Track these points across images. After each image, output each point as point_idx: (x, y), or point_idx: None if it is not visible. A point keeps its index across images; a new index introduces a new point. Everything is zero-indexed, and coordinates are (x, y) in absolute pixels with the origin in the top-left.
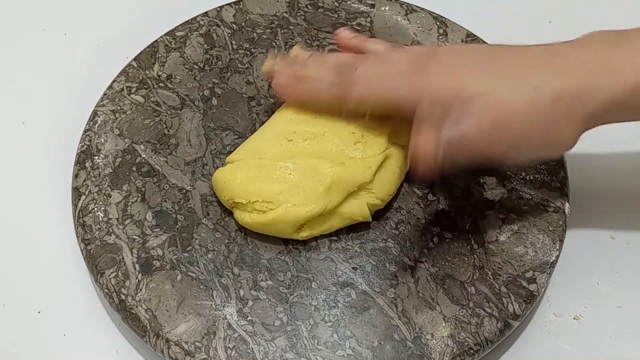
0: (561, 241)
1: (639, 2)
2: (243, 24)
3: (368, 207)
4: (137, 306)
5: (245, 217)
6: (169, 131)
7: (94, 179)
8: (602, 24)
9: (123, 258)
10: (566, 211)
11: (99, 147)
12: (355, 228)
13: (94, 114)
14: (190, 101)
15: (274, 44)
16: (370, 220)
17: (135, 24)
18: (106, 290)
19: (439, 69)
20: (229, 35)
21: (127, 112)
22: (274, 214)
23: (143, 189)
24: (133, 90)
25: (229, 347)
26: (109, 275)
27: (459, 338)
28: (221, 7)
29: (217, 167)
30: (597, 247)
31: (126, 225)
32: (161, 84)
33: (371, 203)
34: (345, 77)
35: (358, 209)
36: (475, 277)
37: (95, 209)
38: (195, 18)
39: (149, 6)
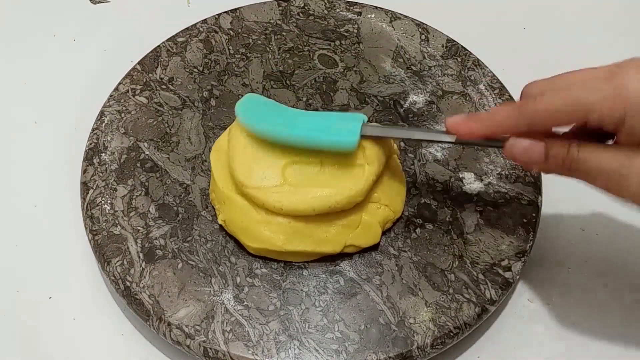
0: (534, 232)
1: (611, 9)
2: (239, 30)
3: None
4: (141, 292)
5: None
6: (170, 130)
7: (101, 174)
8: (573, 31)
9: (128, 248)
10: (539, 204)
11: (106, 145)
12: None
13: (101, 114)
14: (190, 102)
15: (268, 49)
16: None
17: (139, 30)
18: (112, 278)
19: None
20: (227, 40)
21: (132, 112)
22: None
23: (147, 184)
24: (137, 92)
25: (226, 330)
26: (115, 264)
27: (439, 322)
28: (219, 14)
29: None
30: (568, 238)
31: (131, 217)
32: (163, 86)
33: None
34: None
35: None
36: (454, 265)
37: (102, 202)
38: (195, 25)
39: (152, 14)
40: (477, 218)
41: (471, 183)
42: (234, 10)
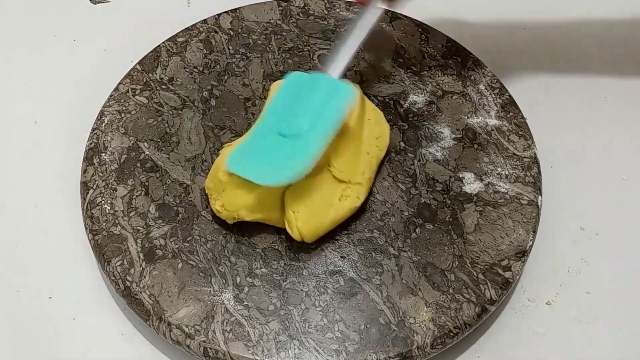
0: (534, 232)
1: (611, 9)
2: (239, 30)
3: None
4: (141, 292)
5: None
6: (170, 130)
7: (101, 174)
8: (573, 31)
9: (128, 247)
10: (539, 204)
11: (106, 145)
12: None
13: (101, 114)
14: (190, 102)
15: (268, 49)
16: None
17: (139, 30)
18: (112, 278)
19: None
20: (226, 40)
21: (132, 112)
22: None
23: (147, 184)
24: (137, 92)
25: (226, 330)
26: (115, 264)
27: (439, 322)
28: (219, 14)
29: None
30: (567, 238)
31: (131, 217)
32: (163, 86)
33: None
34: None
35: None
36: (454, 265)
37: (102, 202)
38: (195, 25)
39: (152, 14)
40: (477, 218)
41: (471, 183)
42: (234, 10)
